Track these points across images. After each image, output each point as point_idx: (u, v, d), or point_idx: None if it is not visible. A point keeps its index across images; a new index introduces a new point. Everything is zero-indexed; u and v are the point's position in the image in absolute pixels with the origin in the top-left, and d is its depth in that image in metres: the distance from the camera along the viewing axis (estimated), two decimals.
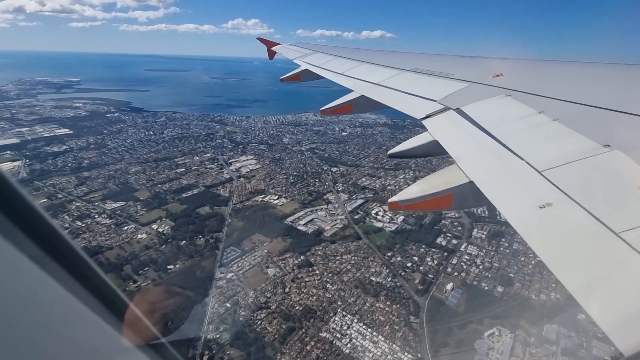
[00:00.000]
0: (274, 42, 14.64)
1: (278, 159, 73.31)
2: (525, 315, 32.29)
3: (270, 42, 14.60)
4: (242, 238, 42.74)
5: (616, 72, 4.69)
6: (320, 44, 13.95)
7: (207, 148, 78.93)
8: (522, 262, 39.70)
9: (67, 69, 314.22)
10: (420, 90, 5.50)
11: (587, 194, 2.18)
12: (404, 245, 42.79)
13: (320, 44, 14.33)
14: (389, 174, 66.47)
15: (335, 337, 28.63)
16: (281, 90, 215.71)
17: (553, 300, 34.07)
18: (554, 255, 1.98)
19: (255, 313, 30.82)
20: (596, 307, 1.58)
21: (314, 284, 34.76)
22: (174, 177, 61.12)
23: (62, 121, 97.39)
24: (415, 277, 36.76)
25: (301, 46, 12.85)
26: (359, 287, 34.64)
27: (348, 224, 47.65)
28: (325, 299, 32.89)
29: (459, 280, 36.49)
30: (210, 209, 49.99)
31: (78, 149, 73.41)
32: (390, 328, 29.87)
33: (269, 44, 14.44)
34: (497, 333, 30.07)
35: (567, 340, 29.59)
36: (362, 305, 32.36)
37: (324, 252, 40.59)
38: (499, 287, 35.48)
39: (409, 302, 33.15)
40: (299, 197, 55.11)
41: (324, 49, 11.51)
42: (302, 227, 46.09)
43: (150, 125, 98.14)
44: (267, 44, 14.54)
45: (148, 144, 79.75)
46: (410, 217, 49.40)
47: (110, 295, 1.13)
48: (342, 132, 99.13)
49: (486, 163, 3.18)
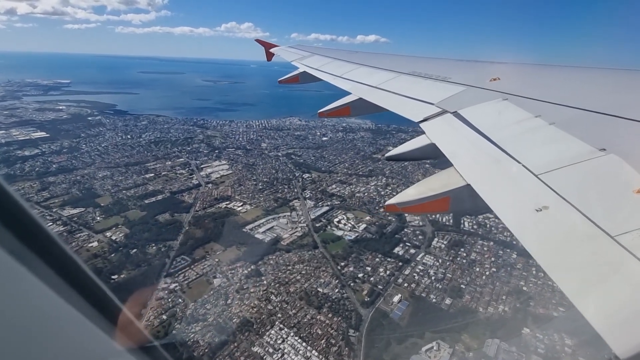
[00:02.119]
0: (272, 44, 14.80)
1: (252, 164, 72.77)
2: (469, 329, 31.74)
3: (268, 44, 14.73)
4: (196, 246, 42.09)
5: (612, 77, 4.80)
6: (318, 47, 14.05)
7: (182, 153, 78.38)
8: (476, 272, 39.21)
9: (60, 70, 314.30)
10: (417, 94, 5.56)
11: (583, 198, 2.21)
12: (360, 254, 42.23)
13: (319, 47, 14.55)
14: (360, 181, 66.01)
15: (267, 352, 27.98)
16: (272, 94, 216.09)
17: (500, 314, 33.54)
18: (550, 258, 1.98)
19: (190, 326, 30.14)
20: (592, 310, 1.59)
21: (258, 295, 34.12)
22: (141, 182, 60.45)
23: (41, 124, 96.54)
24: (364, 288, 36.16)
25: (299, 48, 12.95)
26: (304, 298, 34.02)
27: (308, 232, 47.09)
28: (266, 311, 32.25)
29: (408, 292, 35.91)
30: (170, 216, 49.35)
31: (50, 153, 72.66)
32: (327, 342, 29.24)
33: (267, 46, 14.55)
34: (435, 347, 29.48)
35: (507, 356, 29.01)
36: (303, 317, 31.72)
37: (276, 261, 39.99)
38: (447, 300, 34.90)
39: (352, 315, 32.53)
40: (265, 204, 54.55)
41: (322, 52, 11.61)
42: (260, 235, 45.49)
43: (130, 128, 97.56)
44: (265, 45, 14.64)
45: (123, 148, 79.12)
46: (371, 226, 48.96)
47: (102, 298, 1.10)
48: (323, 137, 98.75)
49: (483, 166, 3.21)
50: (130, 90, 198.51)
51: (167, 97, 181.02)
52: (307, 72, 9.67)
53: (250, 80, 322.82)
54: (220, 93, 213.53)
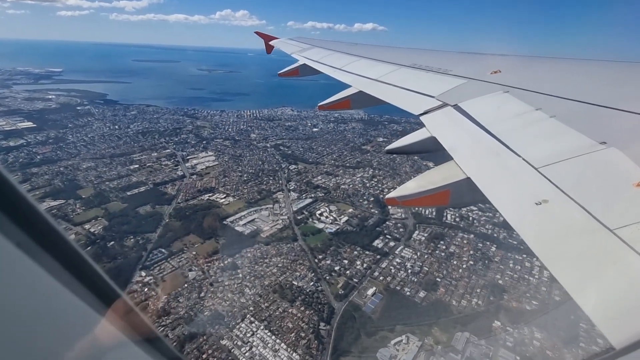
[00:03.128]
0: (271, 37, 14.66)
1: (238, 155, 72.18)
2: (440, 322, 31.91)
3: (268, 37, 14.61)
4: (174, 239, 41.97)
5: (613, 69, 4.75)
6: (318, 39, 13.84)
7: (169, 143, 77.59)
8: (453, 266, 39.26)
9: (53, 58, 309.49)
10: (418, 86, 5.53)
11: (582, 191, 2.22)
12: (339, 247, 42.19)
13: (319, 39, 14.25)
14: (347, 172, 65.65)
15: (236, 345, 28.13)
16: (267, 83, 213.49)
17: (473, 307, 33.69)
18: (548, 251, 1.98)
19: (160, 319, 30.22)
20: (589, 302, 1.62)
21: (232, 289, 34.16)
22: (125, 174, 59.99)
23: (29, 114, 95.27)
24: (340, 282, 36.22)
25: (299, 40, 12.85)
26: (277, 291, 34.08)
27: (289, 224, 46.96)
28: (239, 304, 32.33)
29: (383, 285, 35.98)
30: (151, 208, 49.09)
31: (35, 144, 71.85)
32: (296, 335, 29.37)
33: (267, 39, 14.43)
34: (404, 341, 29.66)
35: (475, 349, 29.25)
36: (275, 311, 31.82)
37: (254, 254, 39.93)
38: (422, 293, 35.00)
39: (324, 308, 32.64)
40: (248, 195, 54.27)
41: (322, 44, 11.52)
42: (240, 227, 45.35)
43: (119, 118, 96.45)
44: (264, 38, 14.54)
45: (109, 138, 78.28)
46: (353, 218, 48.83)
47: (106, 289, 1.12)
48: (314, 128, 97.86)
49: (483, 160, 3.20)
50: (123, 79, 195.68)
51: (160, 86, 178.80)
52: (307, 64, 9.63)
53: (246, 70, 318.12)
54: (214, 82, 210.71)
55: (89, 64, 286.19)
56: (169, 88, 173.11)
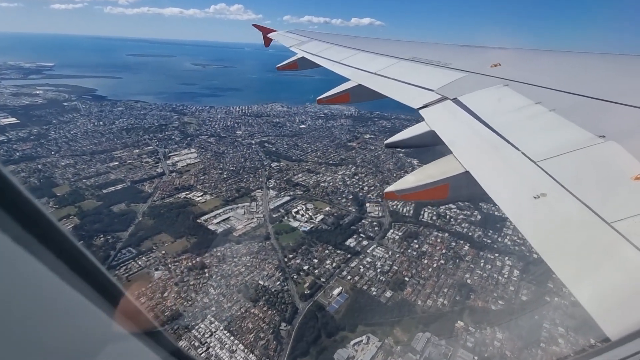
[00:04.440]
0: (270, 29, 14.45)
1: (221, 152, 71.70)
2: (403, 322, 31.83)
3: (266, 29, 14.47)
4: (145, 238, 41.72)
5: (613, 63, 4.74)
6: (317, 32, 13.86)
7: (152, 140, 77.04)
8: (423, 265, 39.10)
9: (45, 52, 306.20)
10: (417, 80, 5.52)
11: (581, 185, 2.23)
12: (311, 246, 41.98)
13: (318, 32, 14.08)
14: (329, 170, 65.26)
15: (192, 346, 28.01)
16: (261, 78, 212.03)
17: (438, 307, 33.59)
18: (547, 244, 1.98)
19: None
20: (586, 295, 1.63)
21: (196, 288, 33.99)
22: (103, 171, 59.58)
23: (13, 110, 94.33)
24: (307, 281, 36.07)
25: (298, 33, 12.77)
26: (242, 291, 33.93)
27: (263, 223, 46.72)
28: (201, 304, 32.19)
29: (350, 285, 35.84)
30: (126, 206, 48.78)
31: (16, 140, 71.30)
32: (255, 336, 29.26)
33: (265, 31, 14.32)
34: (364, 341, 29.58)
35: (434, 349, 29.19)
36: (237, 311, 31.69)
37: (224, 253, 39.73)
38: (388, 292, 34.87)
39: (287, 308, 32.50)
40: (226, 193, 53.93)
41: (320, 37, 11.43)
42: (214, 226, 45.10)
43: (105, 115, 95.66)
44: (263, 31, 14.40)
45: (92, 135, 77.66)
46: (329, 217, 48.58)
47: (104, 282, 1.11)
48: (301, 124, 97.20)
49: (482, 153, 3.20)
50: (115, 74, 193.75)
51: (151, 81, 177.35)
52: (305, 57, 9.51)
53: (241, 64, 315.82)
54: (207, 77, 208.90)
55: (82, 58, 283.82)
56: (160, 83, 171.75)
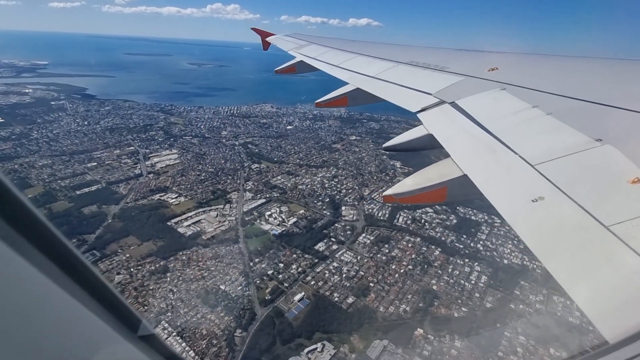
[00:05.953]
0: (268, 33, 14.39)
1: (202, 154, 71.25)
2: (361, 329, 31.41)
3: (264, 33, 14.46)
4: (112, 241, 41.30)
5: (610, 67, 4.78)
6: (315, 35, 13.49)
7: (135, 141, 76.58)
8: (390, 270, 38.68)
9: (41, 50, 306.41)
10: (415, 84, 5.56)
11: (578, 188, 2.24)
12: (279, 250, 41.55)
13: (315, 35, 13.88)
14: (309, 172, 64.81)
15: None
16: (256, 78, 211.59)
17: (400, 314, 33.17)
18: (544, 247, 1.99)
19: None
20: (583, 297, 1.64)
21: (155, 293, 33.57)
22: (80, 172, 59.11)
23: (0, 108, 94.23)
24: (269, 286, 35.64)
25: (296, 37, 12.88)
26: (201, 296, 33.51)
27: (235, 225, 46.29)
28: (157, 309, 31.76)
29: (313, 290, 35.41)
30: (97, 208, 48.35)
31: None
32: (208, 342, 28.84)
33: (264, 35, 14.30)
34: (319, 349, 29.16)
35: (389, 358, 28.77)
36: (193, 316, 31.25)
37: (189, 257, 39.31)
38: (350, 298, 34.45)
39: (245, 314, 32.07)
40: (200, 195, 53.50)
41: (319, 41, 11.50)
42: (183, 229, 44.65)
43: (91, 114, 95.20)
44: (261, 34, 14.40)
45: (75, 135, 77.21)
46: (302, 220, 48.15)
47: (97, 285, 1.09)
48: (288, 125, 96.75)
49: (480, 157, 3.22)
50: (108, 72, 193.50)
51: (144, 80, 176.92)
52: (304, 61, 9.59)
53: (238, 64, 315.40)
54: (202, 77, 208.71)
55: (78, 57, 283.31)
56: (153, 82, 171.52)
